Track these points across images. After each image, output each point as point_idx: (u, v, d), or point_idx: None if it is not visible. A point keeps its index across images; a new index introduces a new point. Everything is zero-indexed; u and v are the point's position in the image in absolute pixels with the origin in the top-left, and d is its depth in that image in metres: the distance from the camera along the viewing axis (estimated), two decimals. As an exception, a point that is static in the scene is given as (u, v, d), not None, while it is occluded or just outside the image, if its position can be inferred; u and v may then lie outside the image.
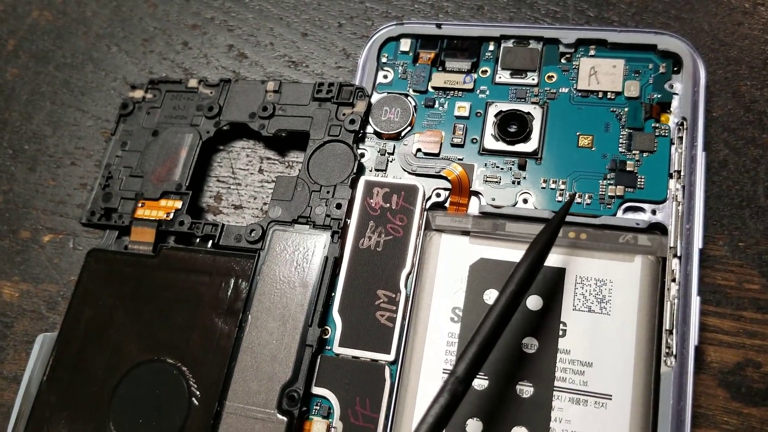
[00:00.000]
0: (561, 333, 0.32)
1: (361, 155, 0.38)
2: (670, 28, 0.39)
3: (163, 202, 0.39)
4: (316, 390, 0.33)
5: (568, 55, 0.38)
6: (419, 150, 0.38)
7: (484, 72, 0.39)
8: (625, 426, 0.30)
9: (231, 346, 0.34)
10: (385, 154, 0.38)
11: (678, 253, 0.32)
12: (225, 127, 0.41)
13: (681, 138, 0.35)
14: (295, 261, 0.35)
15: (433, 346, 0.33)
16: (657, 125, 0.35)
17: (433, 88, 0.39)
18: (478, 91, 0.38)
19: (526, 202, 0.35)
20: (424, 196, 0.36)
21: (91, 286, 0.38)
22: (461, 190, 0.36)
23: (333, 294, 0.35)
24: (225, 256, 0.37)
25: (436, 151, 0.37)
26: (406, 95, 0.39)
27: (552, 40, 0.38)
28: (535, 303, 0.33)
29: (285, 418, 0.32)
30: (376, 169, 0.38)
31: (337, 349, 0.34)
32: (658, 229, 0.33)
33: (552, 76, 0.38)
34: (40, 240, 0.43)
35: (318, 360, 0.34)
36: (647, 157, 0.35)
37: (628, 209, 0.34)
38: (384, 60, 0.40)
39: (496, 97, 0.38)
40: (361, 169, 0.38)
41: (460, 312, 0.34)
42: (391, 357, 0.33)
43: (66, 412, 0.35)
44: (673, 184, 0.34)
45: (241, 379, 0.33)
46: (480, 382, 0.32)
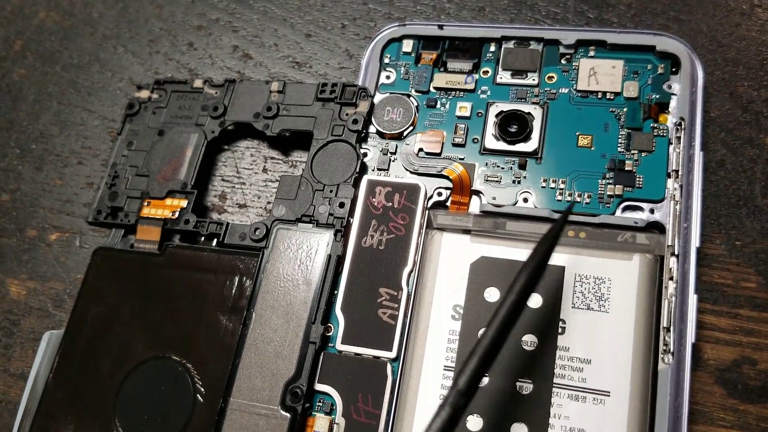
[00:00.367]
0: (560, 330, 0.32)
1: (364, 155, 0.38)
2: (668, 30, 0.39)
3: (168, 201, 0.40)
4: (319, 387, 0.33)
5: (568, 56, 0.38)
6: (421, 149, 0.38)
7: (486, 72, 0.39)
8: (623, 422, 0.30)
9: (235, 343, 0.34)
10: (388, 154, 0.38)
11: (676, 252, 0.33)
12: (230, 126, 0.41)
13: (679, 138, 0.35)
14: (299, 259, 0.36)
15: (435, 344, 0.33)
16: (655, 125, 0.35)
17: (434, 88, 0.39)
18: (480, 91, 0.39)
19: (526, 201, 0.35)
20: (426, 195, 0.36)
21: (97, 284, 0.38)
22: (462, 189, 0.36)
23: (336, 292, 0.35)
24: (229, 254, 0.37)
25: (438, 151, 0.38)
26: (409, 95, 0.39)
27: (552, 41, 0.39)
28: (534, 301, 0.33)
29: (288, 415, 0.32)
30: (379, 169, 0.38)
31: (339, 346, 0.34)
32: (656, 227, 0.34)
33: (552, 77, 0.38)
34: (47, 238, 0.44)
35: (321, 357, 0.34)
36: (646, 156, 0.35)
37: (626, 208, 0.34)
38: (386, 61, 0.41)
39: (497, 97, 0.38)
40: (363, 169, 0.38)
41: (461, 310, 0.34)
42: (393, 354, 0.33)
43: (72, 408, 0.36)
44: (671, 183, 0.34)
45: (245, 375, 0.34)
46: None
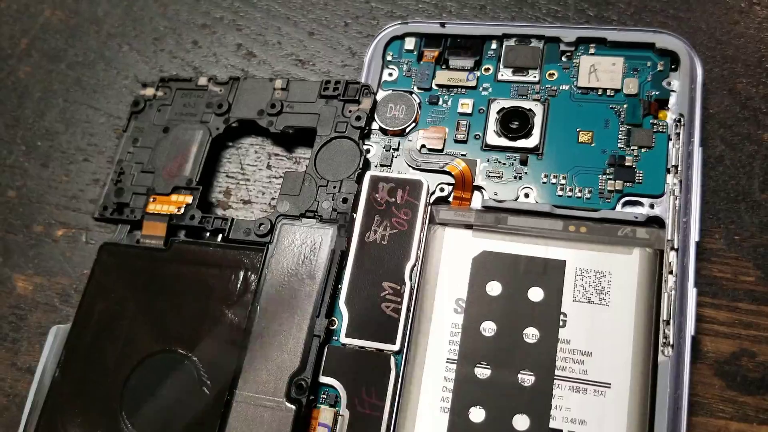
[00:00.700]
0: (561, 323, 0.33)
1: (367, 151, 0.39)
2: (668, 27, 0.39)
3: (174, 197, 0.40)
4: (323, 379, 0.34)
5: (568, 54, 0.39)
6: (423, 146, 0.38)
7: (487, 70, 0.39)
8: (624, 414, 0.31)
9: (241, 336, 0.35)
10: (390, 150, 0.39)
11: (675, 246, 0.33)
12: (234, 124, 0.41)
13: (678, 134, 0.35)
14: (303, 254, 0.36)
15: (437, 337, 0.34)
16: (655, 122, 0.36)
17: (437, 85, 0.40)
18: (481, 88, 0.39)
19: (527, 196, 0.36)
20: (428, 190, 0.37)
21: (103, 279, 0.38)
22: (464, 185, 0.37)
23: (339, 286, 0.35)
24: (234, 249, 0.37)
25: (440, 147, 0.38)
26: (411, 92, 0.40)
27: (553, 39, 0.39)
28: (536, 294, 0.33)
29: (293, 407, 0.33)
30: (382, 165, 0.38)
31: (343, 339, 0.34)
32: (656, 222, 0.34)
33: (553, 74, 0.38)
34: (54, 234, 0.44)
35: (325, 350, 0.34)
36: (645, 152, 0.35)
37: (626, 203, 0.35)
38: (389, 58, 0.41)
39: (499, 94, 0.39)
40: (366, 165, 0.38)
41: (463, 303, 0.34)
42: (396, 347, 0.33)
43: (79, 401, 0.36)
44: (670, 178, 0.34)
45: (251, 368, 0.34)
46: (482, 371, 0.33)
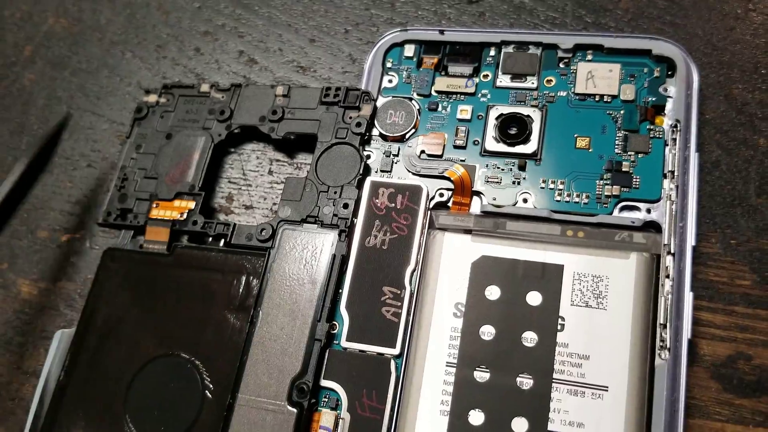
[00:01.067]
0: (559, 327, 0.33)
1: (367, 157, 0.39)
2: (664, 34, 0.39)
3: (176, 203, 0.40)
4: (324, 383, 0.34)
5: (566, 60, 0.39)
6: (423, 152, 0.38)
7: (486, 76, 0.40)
8: (621, 416, 0.31)
9: (243, 340, 0.35)
10: (390, 156, 0.39)
11: (672, 251, 0.33)
12: (236, 130, 0.42)
13: (675, 139, 0.35)
14: (304, 259, 0.36)
15: (437, 340, 0.34)
16: (651, 127, 0.36)
17: (436, 92, 0.40)
18: (480, 94, 0.39)
19: (526, 201, 0.36)
20: (428, 196, 0.37)
21: (107, 283, 0.39)
22: (463, 190, 0.37)
23: (340, 290, 0.35)
24: (237, 254, 0.38)
25: (439, 153, 0.38)
26: (411, 99, 0.40)
27: (551, 46, 0.39)
28: (534, 298, 0.34)
29: (295, 410, 0.33)
30: (382, 171, 0.39)
31: (344, 343, 0.34)
32: (653, 227, 0.34)
33: (551, 80, 0.39)
34: (58, 239, 0.44)
35: (326, 354, 0.34)
36: (642, 158, 0.35)
37: (623, 208, 0.35)
38: (389, 65, 0.41)
39: (497, 100, 0.39)
40: (367, 171, 0.38)
41: (462, 307, 0.34)
42: (396, 351, 0.34)
43: (83, 405, 0.36)
44: (667, 183, 0.35)
45: (253, 372, 0.34)
46: (481, 375, 0.33)
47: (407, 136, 0.39)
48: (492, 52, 0.40)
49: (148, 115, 0.43)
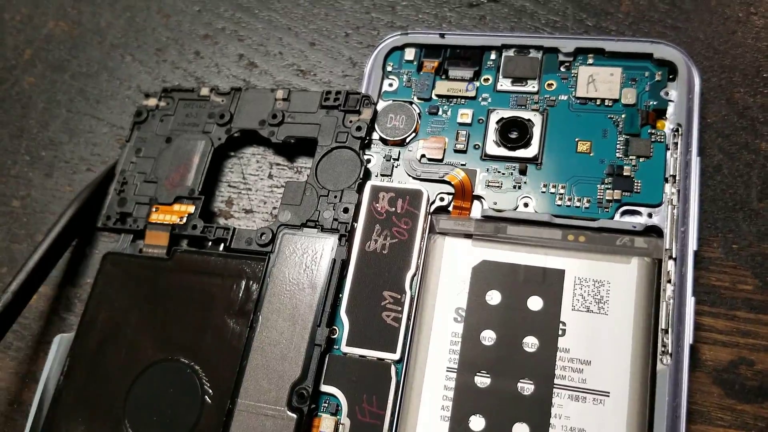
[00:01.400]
0: (560, 332, 0.33)
1: (368, 161, 0.39)
2: (665, 38, 0.39)
3: (176, 207, 0.40)
4: (324, 388, 0.34)
5: (567, 64, 0.39)
6: (423, 156, 0.38)
7: (486, 80, 0.39)
8: (623, 422, 0.31)
9: (242, 345, 0.35)
10: (391, 160, 0.39)
11: (673, 255, 0.33)
12: (236, 134, 0.42)
13: (676, 143, 0.35)
14: (304, 263, 0.36)
15: (437, 345, 0.34)
16: (653, 131, 0.36)
17: (436, 95, 0.40)
18: (480, 98, 0.39)
19: (526, 206, 0.36)
20: (428, 200, 0.37)
21: (106, 288, 0.39)
22: (464, 194, 0.37)
23: (340, 295, 0.35)
24: (236, 258, 0.37)
25: (440, 157, 0.38)
26: (411, 103, 0.40)
27: (552, 49, 0.39)
28: (535, 303, 0.34)
29: (295, 415, 0.33)
30: (382, 175, 0.38)
31: (344, 348, 0.34)
32: (654, 231, 0.34)
33: (551, 84, 0.39)
34: (57, 244, 0.44)
35: (326, 359, 0.34)
36: (643, 162, 0.35)
37: (625, 212, 0.35)
38: (389, 69, 0.41)
39: (498, 104, 0.39)
40: (367, 175, 0.38)
41: (462, 312, 0.34)
42: (396, 356, 0.34)
43: (83, 410, 0.36)
44: (668, 188, 0.35)
45: (253, 377, 0.34)
46: (482, 380, 0.33)
47: (408, 140, 0.39)
48: (493, 56, 0.40)
49: (147, 119, 0.43)
